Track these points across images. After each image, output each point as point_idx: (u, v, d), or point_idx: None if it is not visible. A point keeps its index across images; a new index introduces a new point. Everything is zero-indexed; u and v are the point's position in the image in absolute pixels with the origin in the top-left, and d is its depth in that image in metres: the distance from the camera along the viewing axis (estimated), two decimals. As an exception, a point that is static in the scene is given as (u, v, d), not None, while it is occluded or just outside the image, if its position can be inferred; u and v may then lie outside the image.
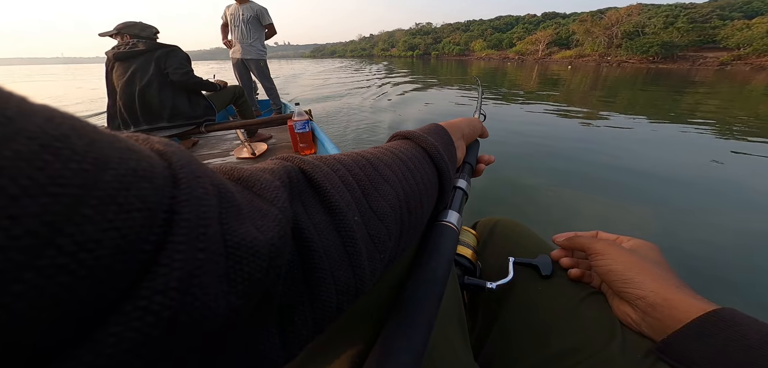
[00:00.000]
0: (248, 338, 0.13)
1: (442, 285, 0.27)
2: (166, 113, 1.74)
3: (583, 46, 51.76)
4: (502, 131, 3.31)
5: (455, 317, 0.31)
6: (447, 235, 0.31)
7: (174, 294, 0.09)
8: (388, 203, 0.22)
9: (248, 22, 2.70)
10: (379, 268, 0.21)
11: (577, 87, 8.41)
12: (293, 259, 0.16)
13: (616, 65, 31.06)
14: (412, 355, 0.21)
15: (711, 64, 30.54)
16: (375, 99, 5.76)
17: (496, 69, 19.73)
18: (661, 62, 36.35)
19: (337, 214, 0.18)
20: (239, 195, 0.13)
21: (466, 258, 0.42)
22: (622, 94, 6.87)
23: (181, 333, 0.09)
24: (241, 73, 2.87)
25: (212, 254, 0.10)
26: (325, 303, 0.16)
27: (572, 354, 0.32)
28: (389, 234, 0.21)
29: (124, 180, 0.08)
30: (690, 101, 5.83)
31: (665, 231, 1.53)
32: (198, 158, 0.11)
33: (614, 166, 2.36)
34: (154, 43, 1.76)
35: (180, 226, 0.09)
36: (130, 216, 0.08)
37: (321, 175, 0.19)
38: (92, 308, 0.07)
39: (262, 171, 0.16)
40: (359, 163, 0.23)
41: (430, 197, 0.28)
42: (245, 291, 0.11)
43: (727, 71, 20.86)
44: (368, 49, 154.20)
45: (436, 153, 0.29)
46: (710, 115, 4.38)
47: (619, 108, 5.01)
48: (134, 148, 0.10)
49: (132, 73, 1.69)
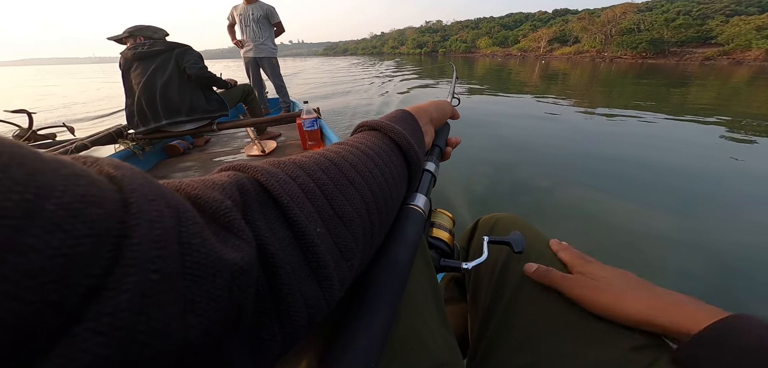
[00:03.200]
0: (218, 358, 0.12)
1: (405, 269, 0.25)
2: (185, 108, 1.74)
3: (581, 43, 51.32)
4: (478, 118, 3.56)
5: (432, 300, 0.29)
6: (412, 218, 0.30)
7: (124, 315, 0.08)
8: (354, 208, 0.20)
9: (259, 21, 2.67)
10: (348, 275, 0.19)
11: (564, 81, 8.83)
12: (259, 277, 0.15)
13: (609, 61, 31.74)
14: (371, 340, 0.20)
15: (696, 59, 31.88)
16: (381, 96, 5.76)
17: (501, 65, 20.10)
18: (652, 57, 37.00)
19: (297, 229, 0.17)
20: (199, 216, 0.13)
21: (442, 241, 0.39)
22: (611, 88, 7.18)
23: (140, 352, 0.09)
24: (254, 71, 2.85)
25: (168, 275, 0.10)
26: (294, 319, 0.15)
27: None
28: (355, 241, 0.20)
29: (71, 207, 0.08)
30: (680, 94, 6.16)
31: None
32: (209, 156, 0.11)
33: (597, 155, 2.53)
34: (171, 42, 1.77)
35: (130, 250, 0.09)
36: (77, 243, 0.08)
37: (278, 185, 0.17)
38: (42, 332, 0.07)
39: (211, 187, 0.15)
40: (322, 165, 0.21)
41: (399, 189, 0.27)
42: (206, 311, 0.11)
43: (710, 65, 22.05)
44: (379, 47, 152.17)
45: (405, 141, 0.27)
46: (706, 109, 4.52)
47: (608, 101, 5.28)
48: (82, 173, 0.09)
49: (153, 71, 1.69)
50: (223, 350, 0.13)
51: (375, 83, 7.94)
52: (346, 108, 4.78)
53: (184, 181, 0.15)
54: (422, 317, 0.27)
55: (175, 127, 1.77)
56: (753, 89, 7.17)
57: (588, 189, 1.91)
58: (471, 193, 1.90)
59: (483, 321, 0.39)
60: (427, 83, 7.24)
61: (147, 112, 1.71)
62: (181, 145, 2.01)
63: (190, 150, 2.12)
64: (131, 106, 1.74)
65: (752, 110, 4.46)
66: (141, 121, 1.74)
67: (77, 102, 7.48)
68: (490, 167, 2.25)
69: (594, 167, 2.26)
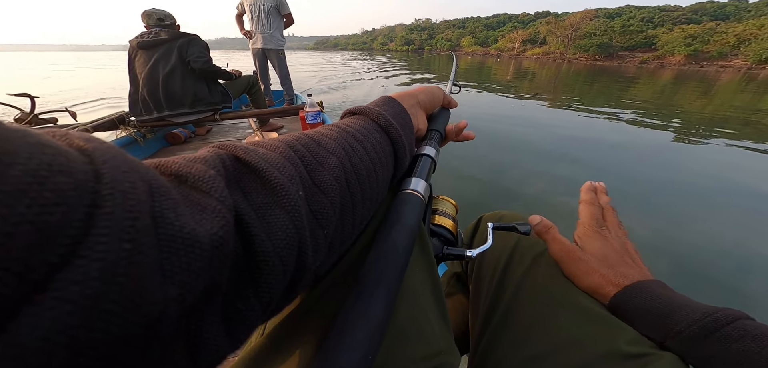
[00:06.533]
0: (192, 327, 0.12)
1: (404, 256, 0.23)
2: (188, 100, 1.68)
3: (548, 45, 53.48)
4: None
5: (430, 290, 0.27)
6: (410, 203, 0.27)
7: (94, 283, 0.08)
8: (332, 174, 0.20)
9: (269, 11, 2.52)
10: (323, 243, 0.19)
11: (532, 79, 9.67)
12: (236, 247, 0.14)
13: (568, 62, 34.26)
14: (368, 331, 0.18)
15: (635, 62, 35.82)
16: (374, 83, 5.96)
17: (480, 63, 21.12)
18: (602, 60, 40.31)
19: (279, 191, 0.16)
20: (175, 191, 0.12)
21: (445, 229, 0.36)
22: (567, 86, 8.07)
23: (111, 321, 0.08)
24: (262, 62, 2.72)
25: (141, 245, 0.09)
26: (271, 286, 0.15)
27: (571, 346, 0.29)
28: (333, 207, 0.19)
29: (37, 174, 0.08)
30: (618, 89, 7.41)
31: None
32: (210, 144, 0.12)
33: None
34: (175, 31, 1.68)
35: (102, 219, 0.08)
36: (44, 210, 0.07)
37: (256, 157, 0.17)
38: (9, 300, 0.07)
39: (193, 161, 0.14)
40: (301, 140, 0.21)
41: (385, 165, 0.26)
42: (185, 282, 0.10)
43: (644, 68, 26.19)
44: (369, 43, 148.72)
45: (384, 120, 0.27)
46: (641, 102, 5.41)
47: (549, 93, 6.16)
48: (49, 143, 0.09)
49: (155, 61, 1.62)
50: (199, 321, 0.12)
51: (365, 78, 7.98)
52: (345, 103, 4.75)
53: (165, 159, 0.14)
54: (421, 306, 0.25)
55: (178, 117, 1.71)
56: (674, 86, 8.62)
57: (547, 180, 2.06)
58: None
59: (485, 317, 0.36)
60: (425, 77, 7.48)
61: (149, 103, 1.65)
62: (182, 133, 1.95)
63: (192, 138, 2.06)
64: (134, 94, 1.67)
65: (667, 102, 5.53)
66: (144, 110, 1.68)
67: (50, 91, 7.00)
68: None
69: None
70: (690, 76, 13.90)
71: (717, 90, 7.92)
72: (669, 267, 1.22)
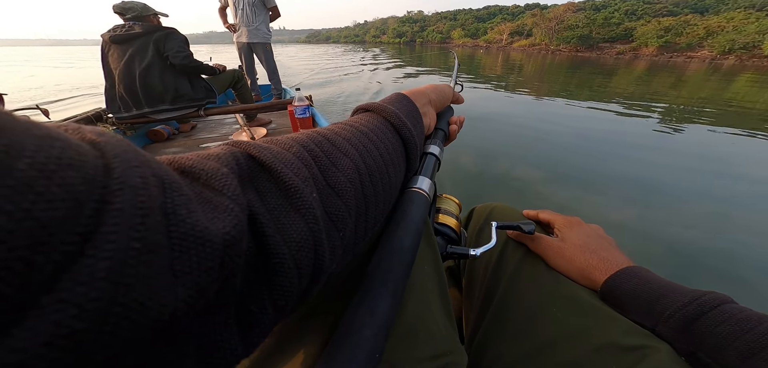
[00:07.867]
0: (204, 330, 0.11)
1: (410, 254, 0.23)
2: (168, 96, 1.57)
3: (534, 36, 53.79)
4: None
5: (436, 288, 0.27)
6: (416, 202, 0.27)
7: (101, 284, 0.07)
8: (346, 176, 0.19)
9: (254, 4, 2.37)
10: (339, 246, 0.18)
11: (520, 71, 9.69)
12: (250, 248, 0.13)
13: (552, 53, 34.89)
14: (374, 329, 0.18)
15: (612, 53, 37.23)
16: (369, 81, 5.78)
17: (470, 55, 21.10)
18: (582, 51, 41.17)
19: (293, 193, 0.15)
20: (187, 187, 0.11)
21: (449, 228, 0.36)
22: (549, 76, 8.20)
23: (118, 325, 0.08)
24: (247, 57, 2.58)
25: (153, 244, 0.09)
26: (286, 289, 0.14)
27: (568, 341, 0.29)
28: (348, 210, 0.18)
29: (44, 168, 0.07)
30: (601, 81, 7.29)
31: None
32: (195, 141, 0.10)
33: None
34: (150, 25, 1.55)
35: (111, 216, 0.08)
36: (51, 206, 0.07)
37: (270, 156, 0.16)
38: (10, 302, 0.06)
39: (206, 158, 0.14)
40: (315, 139, 0.20)
41: (397, 166, 0.25)
42: (196, 283, 0.10)
43: (620, 59, 26.85)
44: (361, 36, 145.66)
45: (398, 120, 0.26)
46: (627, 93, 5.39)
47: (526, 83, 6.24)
48: (59, 136, 0.08)
49: (130, 56, 1.49)
50: (211, 324, 0.11)
51: (364, 70, 7.80)
52: (339, 95, 4.60)
53: (179, 155, 0.14)
54: (427, 305, 0.24)
55: (159, 114, 1.60)
56: (647, 76, 8.78)
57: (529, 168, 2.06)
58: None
59: (479, 311, 0.36)
60: (419, 70, 7.43)
61: (128, 100, 1.53)
62: (165, 130, 1.84)
63: (175, 135, 1.94)
64: (111, 90, 1.55)
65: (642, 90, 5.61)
66: (123, 107, 1.56)
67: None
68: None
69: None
70: (660, 67, 14.15)
71: (687, 79, 8.18)
72: (652, 250, 1.22)
